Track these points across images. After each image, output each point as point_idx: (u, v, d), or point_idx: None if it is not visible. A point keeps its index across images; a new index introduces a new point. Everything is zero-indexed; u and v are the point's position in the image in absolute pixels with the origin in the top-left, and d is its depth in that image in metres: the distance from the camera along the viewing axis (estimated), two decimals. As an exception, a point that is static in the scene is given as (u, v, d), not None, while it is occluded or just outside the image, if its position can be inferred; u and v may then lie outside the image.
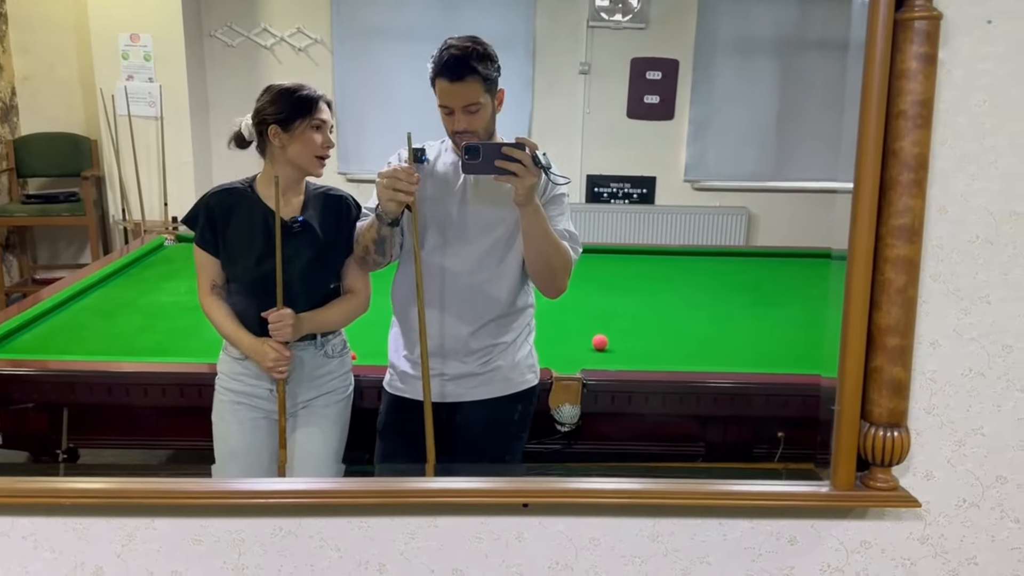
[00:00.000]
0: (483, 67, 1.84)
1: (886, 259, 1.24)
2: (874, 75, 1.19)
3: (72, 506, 1.28)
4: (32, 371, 2.39)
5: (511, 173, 1.70)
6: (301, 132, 1.92)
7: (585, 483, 1.34)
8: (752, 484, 1.37)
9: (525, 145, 1.71)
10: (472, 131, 1.86)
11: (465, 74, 1.82)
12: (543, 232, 1.83)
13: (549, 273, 1.92)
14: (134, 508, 1.31)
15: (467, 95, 1.83)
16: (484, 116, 1.87)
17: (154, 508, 1.31)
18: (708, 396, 2.42)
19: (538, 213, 1.81)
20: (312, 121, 1.93)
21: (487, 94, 1.86)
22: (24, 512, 1.32)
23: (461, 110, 1.84)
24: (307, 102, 1.94)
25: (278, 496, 1.31)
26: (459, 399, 2.05)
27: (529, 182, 1.72)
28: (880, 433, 1.30)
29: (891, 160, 1.23)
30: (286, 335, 1.92)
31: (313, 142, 1.93)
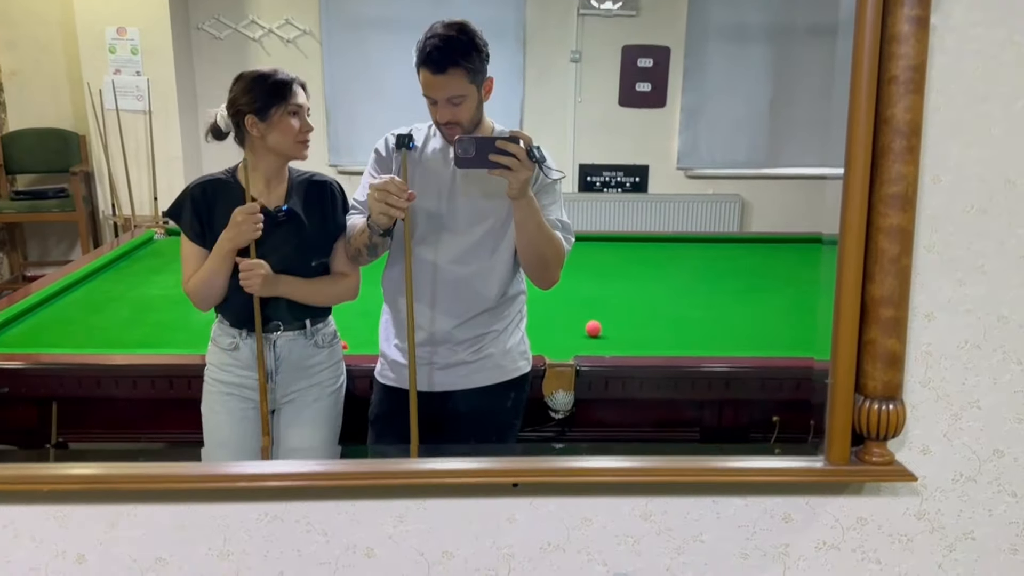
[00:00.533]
0: (466, 59, 1.79)
1: (879, 228, 1.22)
2: (865, 39, 1.17)
3: (53, 493, 1.26)
4: (21, 364, 2.36)
5: (505, 167, 1.67)
6: (279, 119, 1.88)
7: (576, 462, 1.32)
8: (745, 460, 1.35)
9: (519, 138, 1.68)
10: (456, 122, 1.83)
11: (447, 66, 1.78)
12: (536, 225, 1.81)
13: (542, 265, 1.90)
14: (116, 494, 1.29)
15: (450, 87, 1.80)
16: (469, 107, 1.83)
17: (137, 494, 1.28)
18: (703, 380, 2.40)
19: (531, 206, 1.78)
20: (288, 107, 1.88)
21: (472, 85, 1.82)
22: (3, 500, 1.29)
23: (445, 101, 1.81)
24: (281, 88, 1.89)
25: (263, 479, 1.29)
26: (451, 388, 2.03)
27: (523, 176, 1.69)
28: (875, 406, 1.28)
29: (883, 128, 1.20)
30: (255, 285, 1.86)
31: (292, 128, 1.89)
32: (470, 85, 1.81)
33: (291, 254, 1.94)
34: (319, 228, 1.98)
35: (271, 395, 2.00)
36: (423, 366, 2.01)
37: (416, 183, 1.93)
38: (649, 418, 2.49)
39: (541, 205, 1.85)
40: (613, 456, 1.33)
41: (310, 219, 1.97)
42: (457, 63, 1.78)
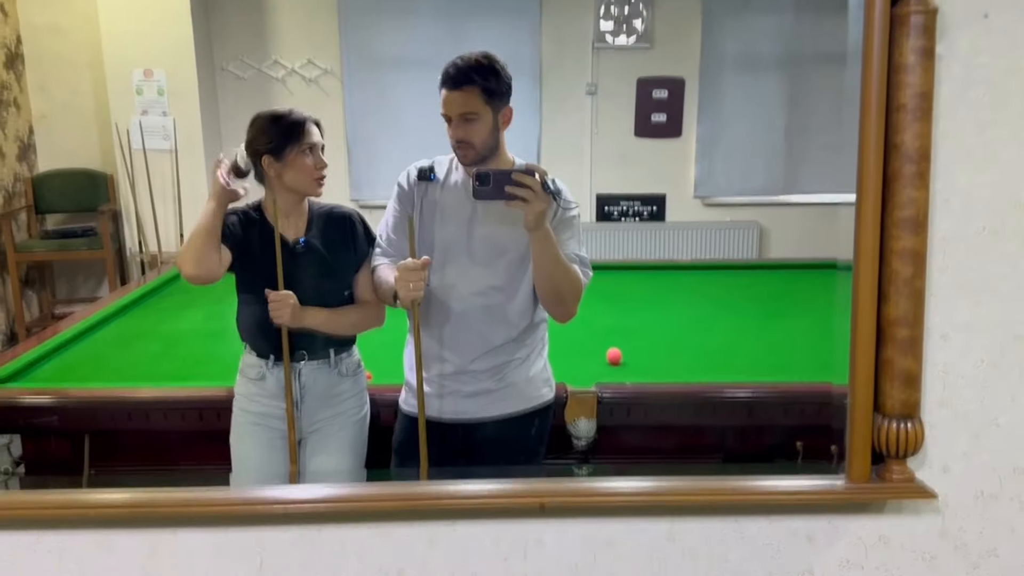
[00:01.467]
0: (483, 78, 1.86)
1: (892, 251, 1.25)
2: (872, 70, 1.21)
3: (96, 519, 1.29)
4: (54, 399, 2.41)
5: (521, 199, 1.72)
6: (294, 158, 1.94)
7: (601, 483, 1.35)
8: (768, 480, 1.37)
9: (534, 171, 1.73)
10: (468, 141, 1.87)
11: (463, 82, 1.85)
12: (553, 257, 1.84)
13: (558, 298, 1.93)
14: (157, 519, 1.33)
15: (464, 103, 1.85)
16: (482, 128, 1.87)
17: (177, 518, 1.32)
18: (725, 406, 2.41)
19: (548, 238, 1.82)
20: (302, 146, 1.94)
21: (487, 106, 1.87)
22: (49, 526, 1.33)
23: (458, 118, 1.86)
24: (295, 128, 1.95)
25: (298, 503, 1.32)
26: (475, 416, 2.05)
27: (539, 207, 1.73)
28: (893, 425, 1.30)
29: (893, 153, 1.24)
30: (284, 316, 1.90)
31: (307, 166, 1.95)
32: (485, 105, 1.86)
33: (313, 285, 1.99)
34: (340, 258, 2.03)
35: (297, 423, 2.04)
36: (447, 395, 2.04)
37: (437, 215, 1.98)
38: (672, 445, 2.49)
39: (559, 239, 1.89)
40: (638, 477, 1.35)
41: (331, 250, 2.02)
42: (472, 80, 1.85)
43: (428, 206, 1.98)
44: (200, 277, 1.92)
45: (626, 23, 5.04)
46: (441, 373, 2.04)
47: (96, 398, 2.40)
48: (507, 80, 1.90)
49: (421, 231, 1.98)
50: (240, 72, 5.02)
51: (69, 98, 5.13)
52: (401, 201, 2.01)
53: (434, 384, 2.05)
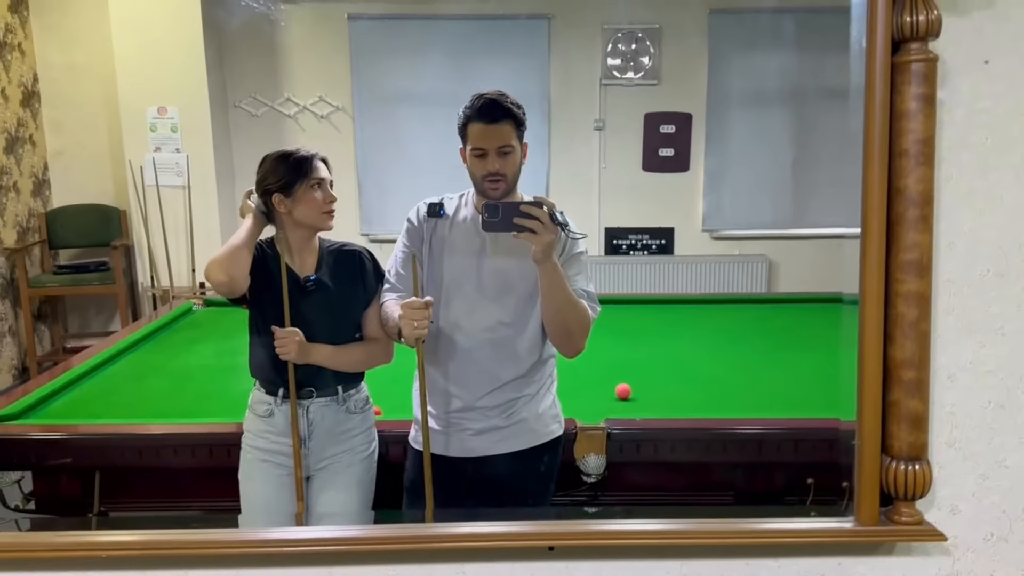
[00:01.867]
0: (515, 114, 1.91)
1: (897, 293, 1.26)
2: (875, 116, 1.23)
3: (108, 559, 1.30)
4: (65, 435, 2.43)
5: (529, 230, 1.75)
6: (303, 194, 1.98)
7: (610, 525, 1.35)
8: (777, 522, 1.37)
9: (542, 203, 1.77)
10: (503, 174, 1.90)
11: (500, 116, 1.89)
12: (561, 290, 1.86)
13: (566, 332, 1.94)
14: (168, 560, 1.34)
15: (501, 136, 1.89)
16: (514, 162, 1.92)
17: (188, 559, 1.33)
18: (736, 443, 2.40)
19: (556, 271, 1.84)
20: (310, 181, 1.98)
21: (517, 140, 1.92)
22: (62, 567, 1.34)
23: (495, 151, 1.89)
24: (302, 164, 2.00)
25: (308, 544, 1.32)
26: (484, 453, 2.05)
27: (547, 239, 1.76)
28: (901, 466, 1.31)
29: (896, 198, 1.26)
30: (291, 352, 1.93)
31: (316, 200, 1.99)
32: (516, 139, 1.92)
33: (321, 321, 2.01)
34: (349, 295, 2.05)
35: (305, 460, 2.05)
36: (456, 432, 2.05)
37: (447, 250, 2.00)
38: (682, 481, 2.48)
39: (567, 275, 1.90)
40: (647, 519, 1.35)
41: (340, 287, 2.04)
42: (509, 114, 1.90)
43: (437, 242, 2.00)
44: (228, 284, 1.96)
45: (633, 60, 5.10)
46: (448, 410, 2.05)
47: (107, 434, 2.42)
48: (526, 116, 1.95)
49: (430, 267, 2.00)
50: (253, 110, 5.09)
51: (84, 135, 5.21)
52: (410, 237, 2.03)
53: (442, 421, 2.05)
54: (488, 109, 1.89)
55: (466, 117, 1.92)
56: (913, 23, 1.21)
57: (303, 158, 2.00)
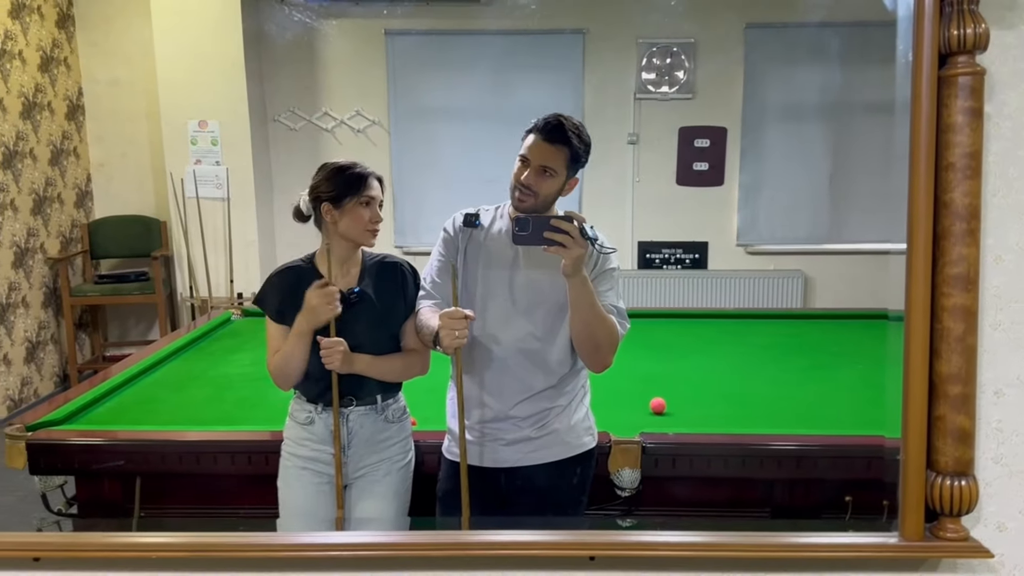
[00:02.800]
0: (575, 143, 1.92)
1: (943, 308, 1.25)
2: (921, 130, 1.23)
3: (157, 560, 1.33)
4: (107, 441, 2.47)
5: (559, 244, 1.76)
6: (351, 208, 2.01)
7: (652, 536, 1.34)
8: (819, 536, 1.35)
9: (573, 218, 1.78)
10: (535, 191, 1.91)
11: (558, 139, 1.91)
12: (589, 304, 1.87)
13: (594, 346, 1.94)
14: (215, 562, 1.36)
15: (550, 156, 1.91)
16: (552, 184, 1.93)
17: (234, 562, 1.35)
18: (772, 459, 2.38)
19: (585, 285, 1.85)
20: (361, 198, 2.01)
21: (566, 168, 1.93)
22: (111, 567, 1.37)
23: (537, 166, 1.91)
24: (357, 180, 2.02)
25: (350, 548, 1.34)
26: (516, 464, 2.06)
27: (576, 253, 1.77)
28: (947, 482, 1.29)
29: (943, 211, 1.25)
30: (335, 362, 1.96)
31: (362, 218, 2.02)
32: (564, 167, 1.92)
33: (364, 332, 2.03)
34: (391, 307, 2.07)
35: (343, 468, 2.06)
36: (489, 443, 2.06)
37: (481, 261, 2.02)
38: (717, 497, 2.46)
39: (598, 291, 1.91)
40: (688, 532, 1.35)
41: (382, 299, 2.06)
42: (568, 142, 1.91)
43: (472, 252, 2.02)
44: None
45: (668, 74, 5.10)
46: (482, 419, 2.06)
47: (148, 441, 2.45)
48: (587, 155, 1.96)
49: (464, 276, 2.03)
50: (291, 124, 5.16)
51: (126, 148, 5.31)
52: (446, 246, 2.05)
53: (475, 431, 2.07)
54: (550, 127, 1.91)
55: (532, 127, 1.94)
56: (960, 36, 1.21)
57: (359, 175, 2.03)
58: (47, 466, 2.41)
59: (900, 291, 1.29)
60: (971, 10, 1.21)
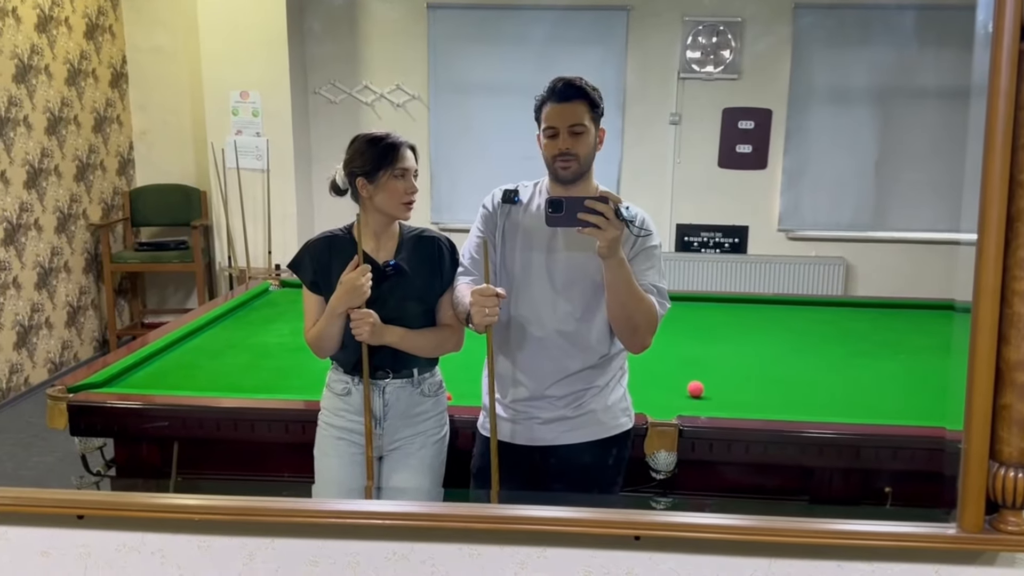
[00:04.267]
0: (589, 94, 1.91)
1: (1015, 292, 1.21)
2: (999, 106, 1.18)
3: (200, 523, 1.33)
4: (147, 405, 2.49)
5: (594, 226, 1.73)
6: (386, 181, 1.98)
7: (699, 518, 1.32)
8: (873, 524, 1.32)
9: (608, 198, 1.74)
10: (574, 153, 1.89)
11: (573, 96, 1.89)
12: (626, 285, 1.83)
13: (631, 328, 1.91)
14: (255, 526, 1.36)
15: (574, 115, 1.89)
16: (587, 141, 1.90)
17: (275, 527, 1.34)
18: (813, 446, 2.34)
19: (622, 266, 1.82)
20: (394, 171, 1.98)
21: (592, 121, 1.91)
22: (153, 527, 1.37)
23: (566, 130, 1.88)
24: (389, 151, 1.99)
25: (392, 517, 1.33)
26: (552, 442, 2.05)
27: (611, 235, 1.73)
28: (1011, 474, 1.25)
29: (1018, 191, 1.20)
30: (365, 333, 1.94)
31: (397, 190, 1.99)
32: (590, 120, 1.90)
33: (398, 306, 2.02)
34: (426, 282, 2.05)
35: (379, 441, 2.07)
36: (524, 421, 2.05)
37: (519, 238, 1.99)
38: (755, 483, 2.43)
39: (639, 269, 1.89)
40: (738, 515, 1.32)
41: (417, 273, 2.04)
42: (583, 93, 1.90)
43: (511, 229, 2.00)
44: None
45: (714, 53, 5.02)
46: (516, 398, 2.05)
47: (188, 406, 2.47)
48: (602, 97, 1.94)
49: (503, 254, 2.01)
50: (332, 96, 5.16)
51: (168, 117, 5.36)
52: (485, 222, 2.03)
53: (511, 409, 2.06)
54: (562, 89, 1.90)
55: (541, 100, 1.92)
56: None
57: (391, 144, 2.00)
58: (87, 428, 2.44)
59: (966, 279, 1.24)
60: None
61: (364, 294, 1.94)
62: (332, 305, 1.98)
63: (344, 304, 1.95)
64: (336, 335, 2.01)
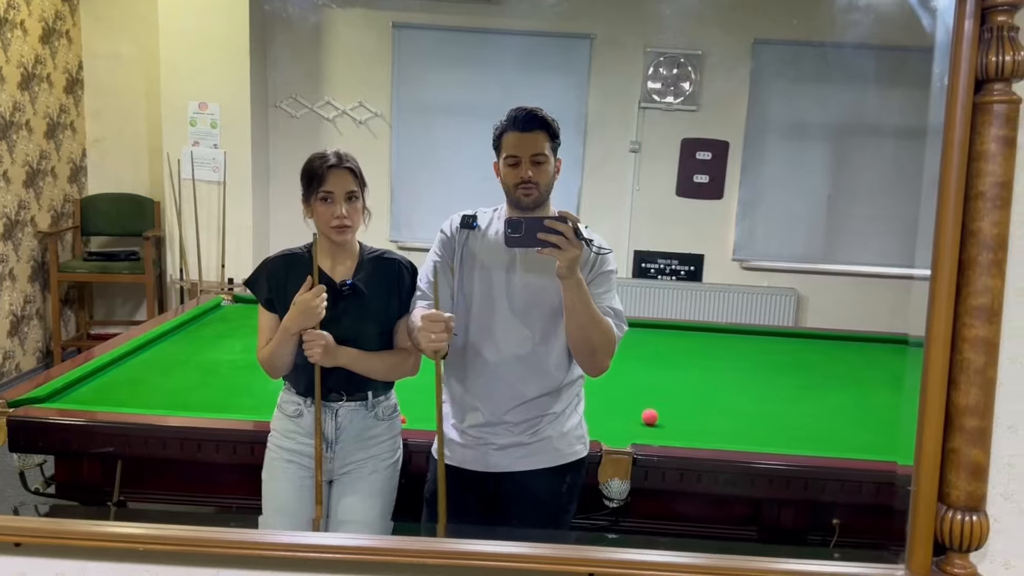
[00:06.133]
0: (549, 126, 1.94)
1: (964, 339, 1.23)
2: (953, 157, 1.21)
3: (144, 552, 1.29)
4: (90, 421, 2.43)
5: (553, 246, 1.73)
6: (315, 204, 1.97)
7: (654, 555, 1.31)
8: (826, 564, 1.33)
9: (567, 218, 1.75)
10: (536, 181, 1.91)
11: (535, 126, 1.92)
12: (584, 306, 1.85)
13: (589, 350, 1.92)
14: (202, 557, 1.32)
15: (535, 144, 1.91)
16: (547, 170, 1.93)
17: (223, 558, 1.31)
18: (763, 478, 2.37)
19: (580, 287, 1.83)
20: (319, 194, 1.95)
21: (551, 151, 1.94)
22: (95, 556, 1.33)
23: (528, 159, 1.91)
24: (313, 177, 1.96)
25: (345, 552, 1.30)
26: (507, 469, 2.04)
27: (571, 254, 1.75)
28: (958, 517, 1.27)
29: (970, 240, 1.23)
30: (317, 354, 1.92)
31: (323, 215, 1.96)
32: (550, 150, 1.94)
33: (353, 327, 1.99)
34: (383, 304, 2.03)
35: (330, 464, 2.04)
36: (480, 446, 2.04)
37: (477, 264, 1.99)
38: (706, 513, 2.45)
39: (596, 293, 1.90)
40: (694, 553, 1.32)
41: (375, 295, 2.02)
42: (544, 126, 1.93)
43: (468, 254, 2.00)
44: None
45: (674, 84, 5.09)
46: (472, 424, 2.05)
47: (132, 424, 2.42)
48: (559, 129, 1.98)
49: (461, 279, 2.00)
50: (292, 111, 5.11)
51: (123, 125, 5.25)
52: (443, 247, 2.03)
53: (467, 435, 2.05)
54: (524, 119, 1.93)
55: (502, 128, 1.95)
56: (999, 63, 1.19)
57: (314, 169, 1.96)
58: (27, 444, 2.37)
59: (921, 317, 1.27)
60: (1011, 37, 1.19)
61: (318, 315, 1.91)
62: (285, 325, 1.95)
63: (298, 325, 1.92)
64: (289, 355, 1.98)
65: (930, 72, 1.29)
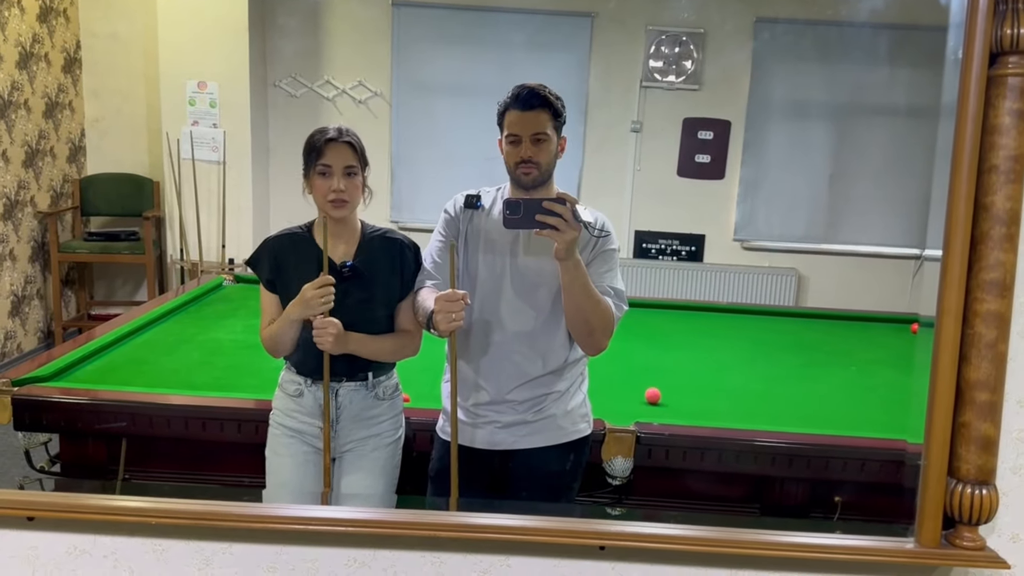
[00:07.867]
0: (551, 103, 1.91)
1: (976, 313, 1.23)
2: (966, 130, 1.20)
3: (155, 526, 1.29)
4: (95, 400, 2.42)
5: (552, 227, 1.72)
6: (313, 178, 1.95)
7: (663, 528, 1.32)
8: (834, 538, 1.34)
9: (565, 200, 1.74)
10: (536, 161, 1.89)
11: (536, 104, 1.89)
12: (582, 287, 1.84)
13: (587, 330, 1.92)
14: (213, 531, 1.32)
15: (536, 123, 1.89)
16: (549, 149, 1.91)
17: (233, 532, 1.31)
18: (765, 455, 2.37)
19: (578, 268, 1.82)
20: (317, 168, 1.94)
21: (553, 130, 1.91)
22: (106, 530, 1.33)
23: (529, 138, 1.89)
24: (313, 149, 1.95)
25: (354, 525, 1.31)
26: (511, 447, 2.04)
27: (569, 236, 1.74)
28: (968, 490, 1.27)
29: (982, 214, 1.23)
30: (327, 342, 1.91)
31: (321, 188, 1.94)
32: (552, 129, 1.91)
33: (355, 308, 1.97)
34: (385, 284, 2.01)
35: (332, 442, 2.03)
36: (484, 425, 2.04)
37: (481, 243, 1.99)
38: (709, 491, 2.46)
39: (597, 272, 1.89)
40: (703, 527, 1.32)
41: (376, 275, 2.01)
42: (546, 103, 1.90)
43: (472, 234, 2.00)
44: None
45: (676, 63, 5.06)
46: (477, 402, 2.04)
47: (136, 402, 2.41)
48: (564, 107, 1.95)
49: (464, 259, 2.00)
50: (292, 90, 5.08)
51: (122, 104, 5.21)
52: (447, 227, 2.02)
53: (471, 413, 2.05)
54: (525, 97, 1.90)
55: (504, 105, 1.92)
56: (1014, 35, 1.18)
57: (315, 142, 1.95)
58: (32, 422, 2.37)
59: (931, 296, 1.27)
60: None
61: (323, 309, 1.90)
62: (289, 312, 1.94)
63: (301, 314, 1.92)
64: (291, 339, 1.97)
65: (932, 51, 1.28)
